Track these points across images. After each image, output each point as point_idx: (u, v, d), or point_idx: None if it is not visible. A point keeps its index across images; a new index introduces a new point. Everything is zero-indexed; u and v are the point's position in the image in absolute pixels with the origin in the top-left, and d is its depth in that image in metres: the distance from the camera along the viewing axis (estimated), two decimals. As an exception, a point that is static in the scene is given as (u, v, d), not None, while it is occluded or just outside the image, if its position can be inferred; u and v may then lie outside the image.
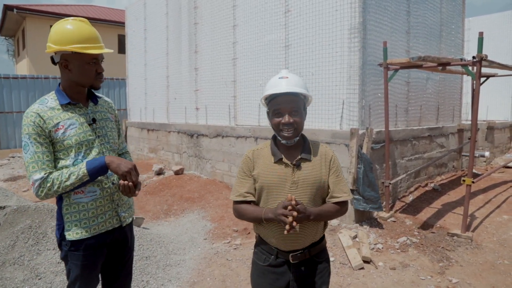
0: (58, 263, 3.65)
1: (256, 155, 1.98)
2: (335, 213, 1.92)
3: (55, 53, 1.95)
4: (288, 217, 1.69)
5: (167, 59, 9.47)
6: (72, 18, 1.98)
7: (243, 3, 6.88)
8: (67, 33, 1.90)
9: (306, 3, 5.71)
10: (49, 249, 3.75)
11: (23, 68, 19.25)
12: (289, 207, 1.71)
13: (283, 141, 1.87)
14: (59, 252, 3.68)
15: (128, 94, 11.87)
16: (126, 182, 1.92)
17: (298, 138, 1.88)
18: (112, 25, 18.63)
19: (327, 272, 1.99)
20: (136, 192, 1.97)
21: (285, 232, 1.69)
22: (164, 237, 4.90)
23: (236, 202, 1.98)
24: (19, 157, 11.95)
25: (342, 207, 1.92)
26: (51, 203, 5.06)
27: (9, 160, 11.66)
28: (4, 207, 4.48)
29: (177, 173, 8.15)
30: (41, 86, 13.19)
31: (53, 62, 1.99)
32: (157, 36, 9.88)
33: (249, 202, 1.96)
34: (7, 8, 16.58)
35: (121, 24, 17.88)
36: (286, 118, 1.82)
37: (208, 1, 7.77)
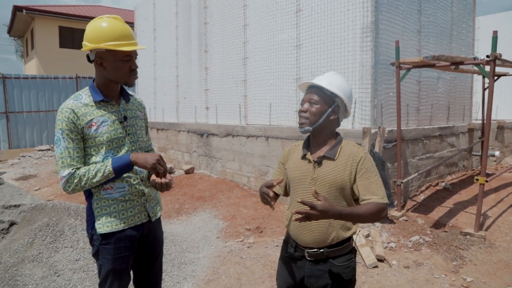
0: (76, 260, 3.70)
1: (291, 150, 2.10)
2: (370, 215, 1.74)
3: (90, 51, 1.97)
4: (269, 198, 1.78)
5: (176, 58, 9.52)
6: (106, 16, 1.99)
7: (254, 3, 6.91)
8: (101, 31, 1.93)
9: (318, 2, 5.73)
10: (66, 247, 3.80)
11: (31, 68, 19.42)
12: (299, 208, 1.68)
13: (298, 129, 1.94)
14: (77, 250, 3.78)
15: (137, 94, 11.92)
16: (161, 180, 1.98)
17: (310, 128, 1.87)
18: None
19: (346, 278, 1.90)
20: (172, 185, 2.04)
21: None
22: (177, 236, 4.94)
23: None
24: (29, 156, 12.06)
25: (378, 208, 1.76)
26: (67, 200, 5.13)
27: (19, 159, 11.77)
28: (19, 205, 4.55)
29: (188, 172, 8.19)
30: (50, 86, 13.30)
31: (89, 60, 2.02)
32: (166, 36, 9.93)
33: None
34: (17, 9, 16.74)
35: (129, 25, 17.97)
36: (301, 106, 1.92)
37: (218, 1, 7.80)
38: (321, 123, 1.88)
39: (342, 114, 1.96)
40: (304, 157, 1.96)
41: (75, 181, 1.89)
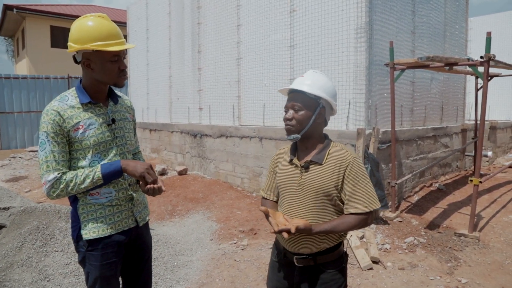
0: (67, 264, 3.63)
1: (280, 153, 2.04)
2: (352, 228, 1.78)
3: (77, 52, 1.88)
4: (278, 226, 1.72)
5: (169, 59, 9.44)
6: (91, 14, 1.91)
7: (247, 3, 6.86)
8: (87, 31, 1.84)
9: (312, 2, 5.70)
10: (57, 251, 3.73)
11: (22, 68, 19.19)
12: (276, 226, 1.72)
13: (286, 137, 1.90)
14: (67, 254, 3.70)
15: (129, 95, 11.83)
16: (152, 186, 1.92)
17: (298, 135, 1.83)
18: (112, 25, 18.58)
19: (336, 285, 1.87)
20: (163, 189, 1.98)
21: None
22: (170, 238, 4.88)
23: (262, 197, 2.10)
24: (20, 157, 11.89)
25: (361, 219, 1.78)
26: (58, 203, 5.04)
27: (10, 160, 11.59)
28: (8, 208, 4.46)
29: (181, 173, 8.13)
30: (42, 86, 13.12)
31: (76, 62, 1.94)
32: (159, 36, 9.85)
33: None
34: (7, 8, 16.53)
35: (121, 24, 17.83)
36: (286, 114, 1.87)
37: (212, 1, 7.74)
38: (309, 129, 1.83)
39: (328, 113, 1.91)
40: (291, 161, 1.92)
41: (61, 186, 1.82)
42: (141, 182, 1.99)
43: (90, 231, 1.94)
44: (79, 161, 1.92)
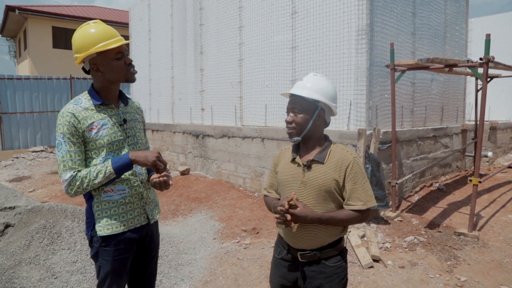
0: (73, 262, 3.69)
1: (282, 153, 2.14)
2: (350, 220, 1.89)
3: (84, 62, 2.01)
4: (282, 213, 1.82)
5: (172, 60, 9.51)
6: (85, 24, 2.03)
7: (250, 5, 6.93)
8: (86, 38, 1.97)
9: (313, 4, 5.77)
10: (64, 249, 3.80)
11: (24, 69, 19.28)
12: (286, 203, 1.82)
13: (288, 139, 2.00)
14: (74, 252, 3.77)
15: (131, 95, 11.91)
16: (161, 179, 2.03)
17: (299, 137, 1.92)
18: (113, 26, 18.60)
19: (339, 278, 1.95)
20: (170, 182, 2.08)
21: (283, 226, 1.87)
22: (174, 237, 4.95)
23: (264, 195, 2.19)
24: (23, 157, 11.97)
25: (359, 214, 1.89)
26: (63, 202, 5.12)
27: (13, 160, 11.68)
28: (14, 207, 4.53)
29: (183, 173, 8.20)
30: (44, 87, 13.20)
31: (86, 72, 2.05)
32: (161, 37, 9.92)
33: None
34: (9, 8, 16.62)
35: (122, 25, 17.90)
36: (287, 117, 1.96)
37: (214, 2, 7.82)
38: (309, 130, 1.92)
39: (328, 115, 1.98)
40: (293, 160, 2.00)
41: (77, 183, 1.91)
42: (151, 178, 2.09)
43: (104, 228, 2.04)
44: (93, 160, 2.02)
